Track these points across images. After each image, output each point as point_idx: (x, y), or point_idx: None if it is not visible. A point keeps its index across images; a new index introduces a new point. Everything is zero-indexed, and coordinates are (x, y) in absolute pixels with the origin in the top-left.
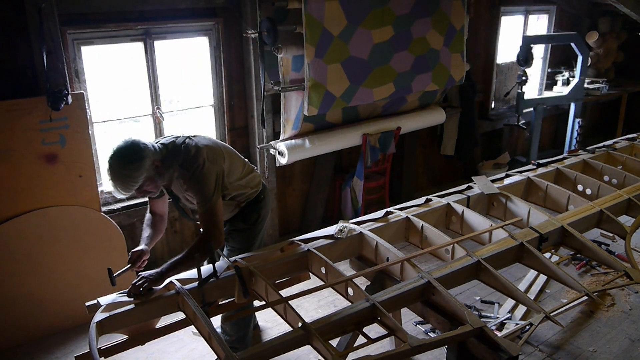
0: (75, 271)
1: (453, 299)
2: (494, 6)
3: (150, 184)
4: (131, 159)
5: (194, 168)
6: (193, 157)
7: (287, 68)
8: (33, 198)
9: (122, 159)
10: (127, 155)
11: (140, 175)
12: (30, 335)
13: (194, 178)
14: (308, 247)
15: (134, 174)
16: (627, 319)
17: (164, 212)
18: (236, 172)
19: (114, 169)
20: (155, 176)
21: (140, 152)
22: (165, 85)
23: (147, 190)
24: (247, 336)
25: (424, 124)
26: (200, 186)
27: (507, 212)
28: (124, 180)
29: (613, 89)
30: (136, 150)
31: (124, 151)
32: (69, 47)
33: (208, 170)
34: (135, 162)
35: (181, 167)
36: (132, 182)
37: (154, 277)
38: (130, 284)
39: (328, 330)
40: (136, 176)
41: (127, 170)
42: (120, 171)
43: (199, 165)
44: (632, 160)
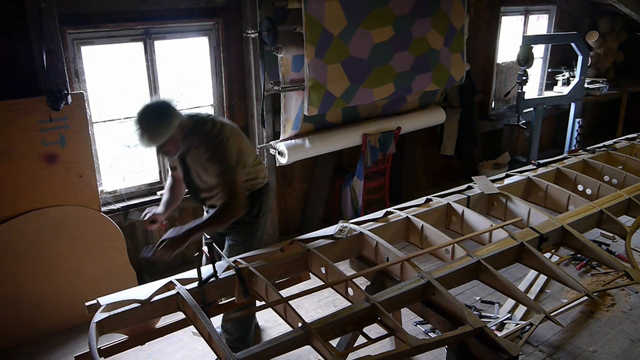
0: (75, 271)
1: (453, 299)
2: (494, 6)
3: (172, 144)
4: (163, 114)
5: (219, 140)
6: (219, 130)
7: (287, 68)
8: (33, 198)
9: (154, 113)
10: (159, 110)
11: (167, 131)
12: (30, 335)
13: (218, 148)
14: (308, 247)
15: (163, 129)
16: (627, 319)
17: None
18: (250, 158)
19: (143, 121)
20: (179, 138)
21: (171, 110)
22: (165, 85)
23: (167, 149)
24: (249, 335)
25: (424, 124)
26: (223, 156)
27: (507, 212)
28: (152, 132)
29: (613, 89)
30: (168, 107)
31: (156, 106)
32: (68, 47)
33: (232, 144)
34: (166, 118)
35: (206, 136)
36: (159, 136)
37: (176, 239)
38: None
39: (328, 330)
40: (164, 131)
41: (157, 123)
42: (149, 124)
43: (223, 138)
44: (632, 160)
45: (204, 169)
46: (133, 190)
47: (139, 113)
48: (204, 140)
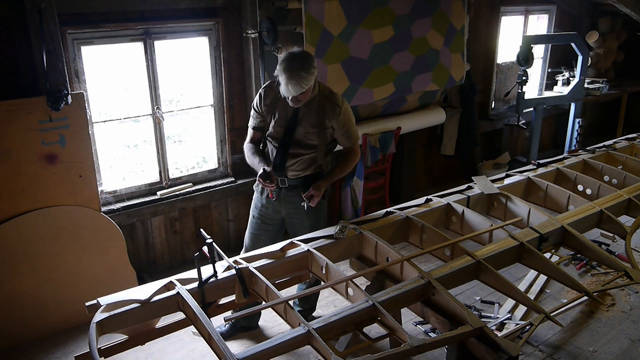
0: (75, 271)
1: (453, 299)
2: (494, 6)
3: (307, 94)
4: (310, 64)
5: (346, 105)
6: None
7: None
8: (33, 198)
9: (303, 62)
10: (307, 60)
11: (311, 79)
12: (30, 335)
13: (349, 111)
14: (308, 247)
15: (309, 77)
16: (627, 319)
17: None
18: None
19: (293, 68)
20: (312, 89)
21: (314, 62)
22: (165, 85)
23: (301, 98)
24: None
25: (424, 124)
26: (352, 118)
27: (507, 212)
28: (299, 79)
29: (613, 89)
30: (312, 59)
31: (303, 56)
32: (69, 47)
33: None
34: (312, 68)
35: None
36: (305, 82)
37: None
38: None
39: (328, 330)
40: (309, 79)
41: (305, 72)
42: (299, 71)
43: (347, 105)
44: (632, 160)
45: (320, 126)
46: (133, 190)
47: (288, 60)
48: (335, 101)
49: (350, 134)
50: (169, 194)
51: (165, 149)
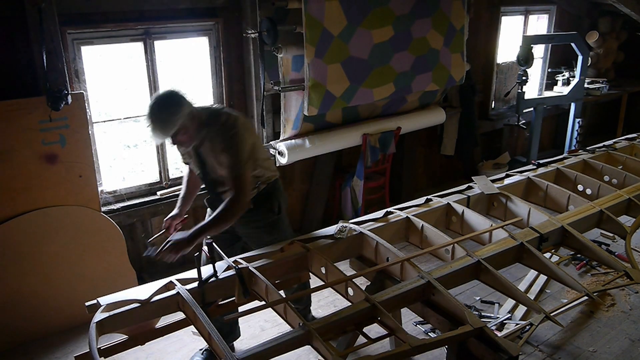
0: (75, 271)
1: (453, 299)
2: (494, 6)
3: (185, 134)
4: (170, 104)
5: (233, 131)
6: (232, 122)
7: (287, 68)
8: (33, 198)
9: (162, 104)
10: (167, 101)
11: (177, 120)
12: (30, 335)
13: (232, 140)
14: (308, 247)
15: (172, 119)
16: (627, 319)
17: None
18: (262, 151)
19: (153, 113)
20: (191, 127)
21: (179, 100)
22: (165, 85)
23: (180, 140)
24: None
25: (424, 124)
26: (235, 149)
27: (507, 212)
28: (161, 124)
29: (613, 89)
30: (176, 97)
31: (164, 97)
32: (68, 47)
33: (244, 137)
34: (174, 107)
35: (222, 126)
36: (170, 126)
37: (182, 241)
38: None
39: (328, 330)
40: (174, 121)
41: (165, 115)
42: (159, 115)
43: (237, 131)
44: (632, 160)
45: (219, 162)
46: (133, 190)
47: (150, 105)
48: (219, 131)
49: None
50: (169, 194)
51: (165, 149)
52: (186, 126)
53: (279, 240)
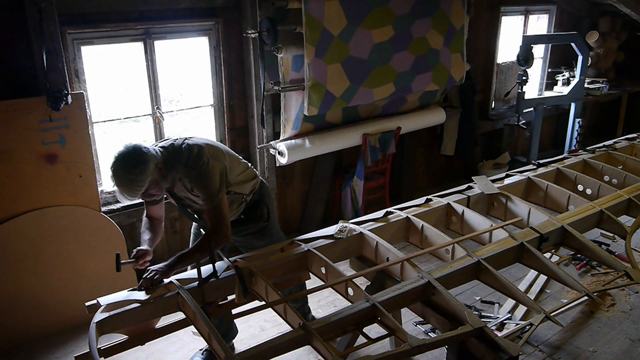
0: (75, 271)
1: (453, 299)
2: (494, 6)
3: (155, 187)
4: (135, 163)
5: (199, 166)
6: (197, 156)
7: (287, 68)
8: (33, 198)
9: (126, 165)
10: (130, 161)
11: (145, 179)
12: (30, 335)
13: (200, 175)
14: (308, 247)
15: (139, 179)
16: (627, 319)
17: (160, 216)
18: (236, 168)
19: (118, 176)
20: (160, 179)
21: (143, 156)
22: (165, 85)
23: (152, 193)
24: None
25: (424, 124)
26: (206, 183)
27: (507, 212)
28: (129, 185)
29: (613, 89)
30: (139, 154)
31: (127, 157)
32: (68, 47)
33: (212, 167)
34: (140, 166)
35: (185, 166)
36: (138, 186)
37: (163, 270)
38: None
39: (328, 330)
40: (141, 180)
41: (132, 175)
42: (125, 177)
43: (203, 163)
44: (632, 160)
45: (195, 195)
46: None
47: (112, 168)
48: (185, 171)
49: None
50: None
51: None
52: (154, 180)
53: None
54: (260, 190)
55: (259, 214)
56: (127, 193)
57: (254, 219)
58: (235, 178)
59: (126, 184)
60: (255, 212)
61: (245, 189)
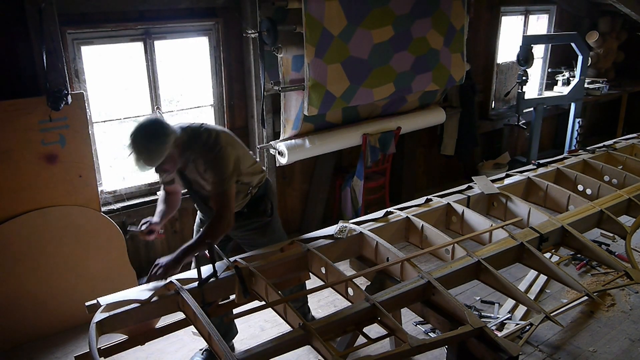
0: (75, 271)
1: (453, 299)
2: (494, 6)
3: (170, 162)
4: (158, 134)
5: (216, 150)
6: (215, 140)
7: (287, 68)
8: (33, 198)
9: (149, 134)
10: (153, 131)
11: (164, 150)
12: (30, 335)
13: (215, 159)
14: (308, 247)
15: (160, 149)
16: (627, 319)
17: (177, 190)
18: (247, 159)
19: (138, 144)
20: (176, 155)
21: (165, 129)
22: (165, 85)
23: (165, 168)
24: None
25: (424, 124)
26: (219, 167)
27: (507, 212)
28: (149, 154)
29: (613, 89)
30: (162, 126)
31: (149, 126)
32: (68, 47)
33: (228, 153)
34: (162, 137)
35: (203, 147)
36: (157, 156)
37: (169, 263)
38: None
39: (328, 330)
40: (161, 151)
41: (153, 145)
42: (146, 145)
43: (221, 148)
44: (632, 160)
45: (205, 180)
46: (133, 190)
47: (133, 136)
48: (201, 152)
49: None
50: None
51: None
52: (171, 154)
53: (272, 242)
54: (266, 185)
55: (263, 209)
56: (145, 161)
57: (257, 213)
58: (246, 169)
59: (145, 152)
60: (259, 207)
61: (253, 181)
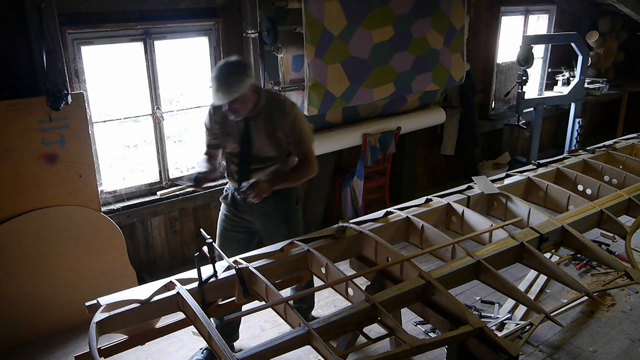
0: (75, 271)
1: (453, 299)
2: (494, 6)
3: (242, 103)
4: (241, 69)
5: (296, 110)
6: (292, 103)
7: (287, 68)
8: (33, 198)
9: (233, 68)
10: (236, 67)
11: (243, 86)
12: (30, 335)
13: (299, 116)
14: (308, 247)
15: (239, 84)
16: (627, 319)
17: (218, 155)
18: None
19: (222, 73)
20: (249, 98)
21: (247, 69)
22: (165, 85)
23: (237, 108)
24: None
25: (424, 124)
26: (303, 124)
27: (507, 212)
28: (228, 85)
29: (613, 89)
30: (244, 66)
31: (235, 63)
32: (69, 47)
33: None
34: (243, 74)
35: (283, 104)
36: (235, 90)
37: (264, 183)
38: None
39: (328, 330)
40: (240, 86)
41: (234, 78)
42: (227, 78)
43: (298, 110)
44: (632, 160)
45: (273, 137)
46: (133, 190)
47: (217, 68)
48: (282, 108)
49: (300, 141)
50: (169, 194)
51: (165, 149)
52: (246, 96)
53: (295, 231)
54: None
55: (289, 197)
56: (224, 92)
57: (285, 200)
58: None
59: (226, 83)
60: (290, 193)
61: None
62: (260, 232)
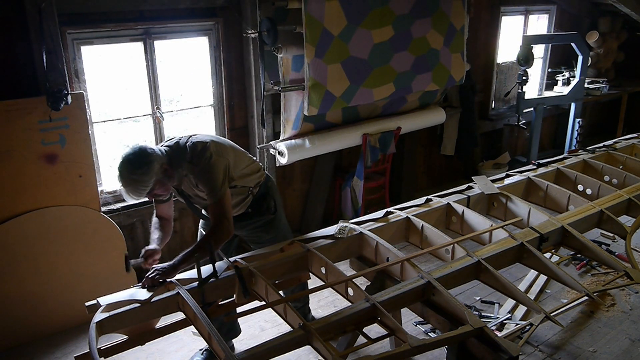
0: (75, 271)
1: (453, 299)
2: (494, 6)
3: (160, 187)
4: (139, 164)
5: (203, 161)
6: (200, 152)
7: (287, 68)
8: (33, 198)
9: (131, 165)
10: (135, 161)
11: (149, 179)
12: (30, 335)
13: (203, 170)
14: (308, 247)
15: (144, 179)
16: (627, 319)
17: (170, 215)
18: (241, 162)
19: (124, 176)
20: (165, 179)
21: (147, 157)
22: (165, 85)
23: (157, 193)
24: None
25: (424, 124)
26: (209, 177)
27: (507, 212)
28: (134, 185)
29: (613, 89)
30: (144, 155)
31: (132, 157)
32: (68, 47)
33: (215, 162)
34: (144, 167)
35: (190, 162)
36: (143, 186)
37: (167, 270)
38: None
39: (328, 330)
40: (146, 180)
41: (136, 175)
42: (129, 177)
43: (206, 158)
44: (633, 160)
45: (201, 191)
46: None
47: (118, 169)
48: (190, 168)
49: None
50: None
51: None
52: (159, 180)
53: (278, 238)
54: (266, 184)
55: (266, 207)
56: (132, 192)
57: (261, 212)
58: (240, 172)
59: (131, 183)
60: (262, 205)
61: (250, 182)
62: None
